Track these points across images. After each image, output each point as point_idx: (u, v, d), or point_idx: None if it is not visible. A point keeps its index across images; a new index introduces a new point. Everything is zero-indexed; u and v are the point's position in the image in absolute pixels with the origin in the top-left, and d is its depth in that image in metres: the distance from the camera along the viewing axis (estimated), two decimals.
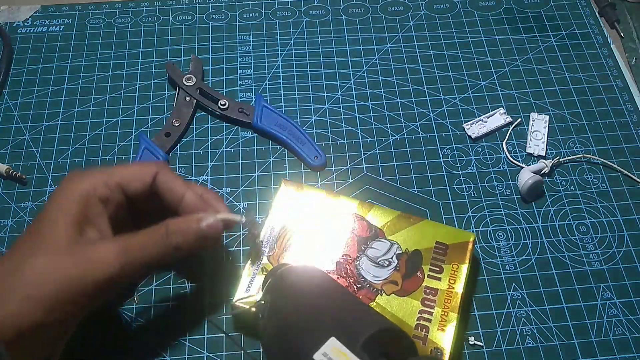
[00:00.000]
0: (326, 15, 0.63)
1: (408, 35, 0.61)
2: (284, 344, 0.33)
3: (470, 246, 0.44)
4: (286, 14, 0.63)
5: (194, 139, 0.54)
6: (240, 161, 0.52)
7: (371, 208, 0.46)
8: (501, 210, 0.50)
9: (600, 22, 0.63)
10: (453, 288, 0.42)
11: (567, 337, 0.44)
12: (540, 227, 0.49)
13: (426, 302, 0.42)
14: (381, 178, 0.51)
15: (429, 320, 0.41)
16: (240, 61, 0.59)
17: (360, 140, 0.54)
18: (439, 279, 0.42)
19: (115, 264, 0.33)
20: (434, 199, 0.50)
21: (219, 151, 0.53)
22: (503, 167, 0.52)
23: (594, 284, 0.46)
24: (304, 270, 0.39)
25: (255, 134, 0.54)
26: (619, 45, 0.61)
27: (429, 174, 0.52)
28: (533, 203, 0.50)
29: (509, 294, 0.45)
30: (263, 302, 0.37)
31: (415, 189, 0.51)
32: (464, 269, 0.43)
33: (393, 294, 0.42)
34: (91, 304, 0.34)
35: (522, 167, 0.51)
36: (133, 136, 0.54)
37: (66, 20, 0.63)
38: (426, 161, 0.52)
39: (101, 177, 0.36)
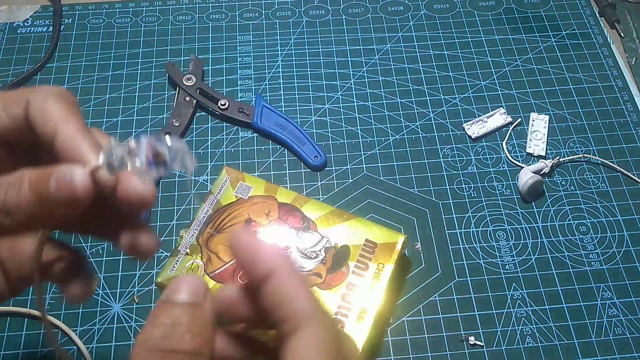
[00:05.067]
0: (326, 15, 0.63)
1: (408, 35, 0.61)
2: None
3: (398, 247, 0.44)
4: (286, 14, 0.63)
5: (194, 139, 0.54)
6: (240, 161, 0.52)
7: (307, 202, 0.46)
8: (501, 210, 0.50)
9: (600, 22, 0.63)
10: (375, 286, 0.42)
11: (567, 337, 0.44)
12: (540, 227, 0.49)
13: (347, 297, 0.42)
14: (381, 178, 0.51)
15: (346, 316, 0.41)
16: (240, 61, 0.59)
17: (360, 140, 0.54)
18: (363, 276, 0.43)
19: None
20: (434, 199, 0.50)
21: (218, 151, 0.53)
22: (503, 167, 0.52)
23: (594, 284, 0.46)
24: None
25: (255, 134, 0.54)
26: (619, 45, 0.61)
27: (429, 174, 0.52)
28: (533, 203, 0.50)
29: (509, 294, 0.45)
30: None
31: (415, 189, 0.51)
32: (389, 268, 0.43)
33: (315, 287, 0.42)
34: None
35: (522, 167, 0.51)
36: (133, 136, 0.54)
37: (66, 20, 0.63)
38: (426, 161, 0.52)
39: None
